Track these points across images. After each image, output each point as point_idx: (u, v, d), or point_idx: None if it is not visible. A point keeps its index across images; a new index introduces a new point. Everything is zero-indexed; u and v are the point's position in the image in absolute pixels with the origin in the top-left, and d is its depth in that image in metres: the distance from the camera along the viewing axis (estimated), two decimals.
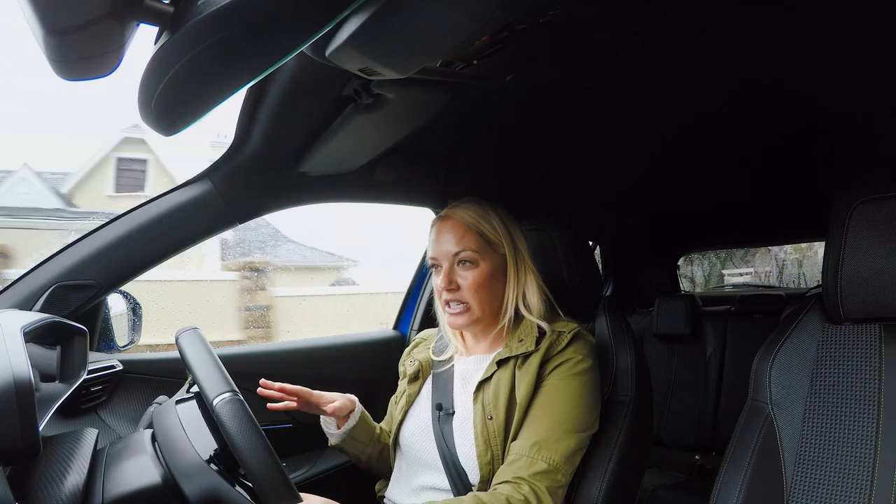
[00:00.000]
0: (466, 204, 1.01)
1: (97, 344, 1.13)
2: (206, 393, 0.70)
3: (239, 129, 1.01)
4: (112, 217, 1.05)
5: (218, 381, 0.71)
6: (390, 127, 1.03)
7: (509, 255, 0.99)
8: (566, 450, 0.86)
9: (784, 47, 0.92)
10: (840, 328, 0.80)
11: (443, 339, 1.10)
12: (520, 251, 1.01)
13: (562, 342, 0.94)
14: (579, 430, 0.89)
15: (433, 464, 0.95)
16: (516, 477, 0.84)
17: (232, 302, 4.90)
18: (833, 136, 1.36)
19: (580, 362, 0.92)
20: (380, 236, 10.03)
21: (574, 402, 0.90)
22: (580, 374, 0.92)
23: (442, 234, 0.99)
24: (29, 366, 0.56)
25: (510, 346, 0.96)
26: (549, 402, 0.90)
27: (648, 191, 1.94)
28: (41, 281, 0.98)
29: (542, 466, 0.84)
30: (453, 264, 0.98)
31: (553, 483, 0.84)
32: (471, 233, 0.98)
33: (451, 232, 0.98)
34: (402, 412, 1.04)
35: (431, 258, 1.01)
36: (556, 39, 0.81)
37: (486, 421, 0.91)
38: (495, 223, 0.99)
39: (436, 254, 1.00)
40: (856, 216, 0.77)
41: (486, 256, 0.98)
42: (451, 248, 0.97)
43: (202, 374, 0.73)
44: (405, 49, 0.68)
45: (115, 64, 0.47)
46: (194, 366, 0.74)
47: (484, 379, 0.95)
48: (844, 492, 0.72)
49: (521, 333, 0.97)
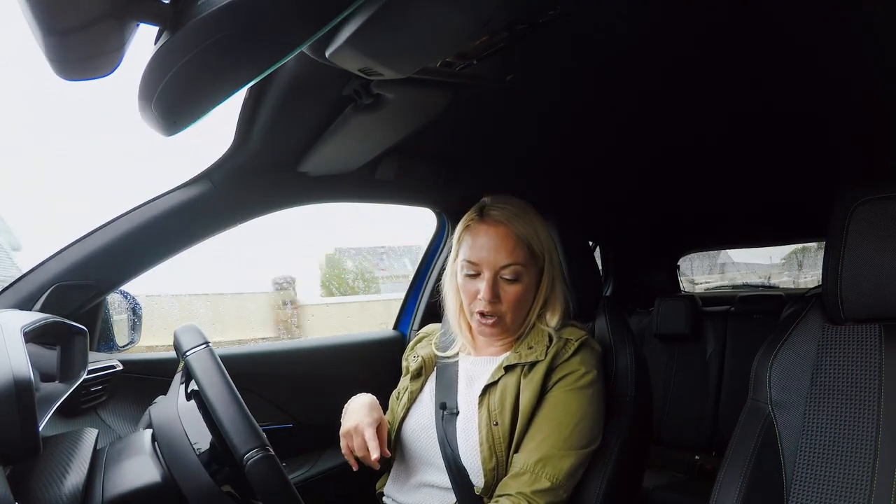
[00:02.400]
0: (513, 209, 0.94)
1: (97, 344, 1.13)
2: (181, 347, 0.75)
3: (239, 129, 1.01)
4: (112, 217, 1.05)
5: (193, 336, 0.76)
6: (390, 127, 1.03)
7: (547, 267, 0.97)
8: (570, 467, 0.87)
9: (784, 48, 0.92)
10: (840, 328, 0.80)
11: (447, 335, 1.08)
12: (554, 262, 0.98)
13: (568, 351, 0.93)
14: (583, 446, 0.89)
15: (434, 462, 0.95)
16: (518, 493, 0.84)
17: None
18: (834, 136, 1.36)
19: (585, 375, 0.92)
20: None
21: (579, 417, 0.89)
22: (585, 388, 0.91)
23: (491, 240, 0.92)
24: (29, 366, 0.56)
25: (519, 353, 0.95)
26: (554, 416, 0.89)
27: (649, 191, 1.94)
28: (41, 281, 0.98)
29: (545, 484, 0.84)
30: (497, 276, 0.92)
31: (554, 499, 0.85)
32: (521, 246, 0.92)
33: (502, 241, 0.92)
34: (405, 409, 1.03)
35: (471, 263, 0.94)
36: (556, 39, 0.81)
37: (492, 427, 0.90)
38: (541, 235, 0.95)
39: (478, 260, 0.93)
40: (856, 216, 0.77)
41: (529, 272, 0.94)
42: (499, 259, 0.91)
43: (183, 337, 0.77)
44: (405, 49, 0.68)
45: (115, 64, 0.47)
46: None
47: (490, 383, 0.94)
48: (844, 492, 0.72)
49: (531, 340, 0.96)
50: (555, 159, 1.51)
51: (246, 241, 3.11)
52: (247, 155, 1.07)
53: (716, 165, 1.63)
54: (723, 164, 1.61)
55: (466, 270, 0.95)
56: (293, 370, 1.40)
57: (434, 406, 0.99)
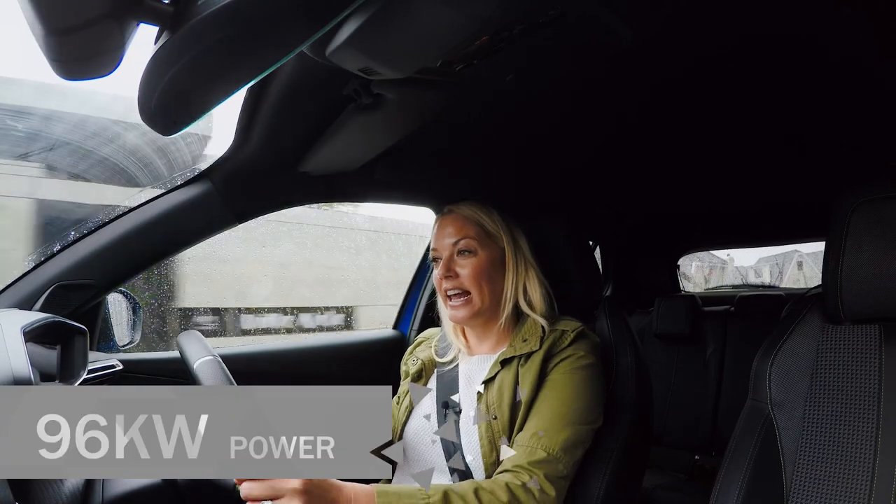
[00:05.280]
0: (466, 202, 1.05)
1: (97, 344, 1.13)
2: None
3: (239, 129, 1.01)
4: (112, 217, 1.05)
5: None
6: (390, 127, 1.03)
7: (508, 247, 1.02)
8: (565, 440, 0.86)
9: (784, 47, 0.91)
10: (840, 328, 0.80)
11: (444, 341, 1.09)
12: (520, 245, 1.03)
13: (565, 340, 0.95)
14: (580, 422, 0.89)
15: (436, 463, 0.95)
16: (516, 465, 0.84)
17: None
18: (834, 136, 1.36)
19: (582, 358, 0.93)
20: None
21: (575, 395, 0.90)
22: (582, 369, 0.92)
23: (443, 228, 1.03)
24: (29, 366, 0.56)
25: (514, 346, 0.96)
26: (553, 395, 0.90)
27: (648, 191, 1.93)
28: (41, 281, 0.98)
29: (541, 455, 0.84)
30: (452, 254, 1.00)
31: (553, 472, 0.84)
32: (470, 223, 1.01)
33: (451, 224, 1.02)
34: (407, 412, 1.03)
35: (433, 251, 1.04)
36: (556, 39, 0.81)
37: (491, 421, 0.91)
38: (495, 217, 1.03)
39: (436, 245, 1.03)
40: (856, 216, 0.77)
41: (485, 247, 1.00)
42: (450, 238, 1.00)
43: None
44: (405, 49, 0.68)
45: (115, 64, 0.47)
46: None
47: (488, 378, 0.95)
48: (844, 492, 0.72)
49: (524, 333, 0.97)
50: (555, 159, 1.51)
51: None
52: (247, 155, 1.07)
53: (716, 165, 1.63)
54: (723, 163, 1.61)
55: (433, 262, 1.04)
56: (293, 370, 1.40)
57: (436, 407, 0.99)
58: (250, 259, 3.63)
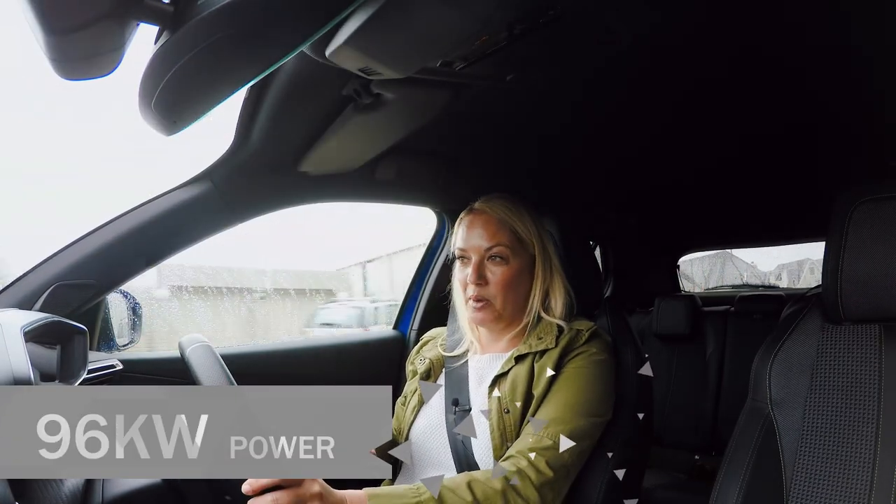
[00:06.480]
0: (500, 200, 1.00)
1: (97, 344, 1.13)
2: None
3: (239, 129, 1.01)
4: (112, 217, 1.05)
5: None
6: (390, 127, 1.03)
7: (538, 255, 0.99)
8: (573, 430, 0.86)
9: (784, 48, 0.91)
10: (840, 328, 0.80)
11: (454, 334, 1.08)
12: (548, 252, 1.01)
13: (581, 339, 0.95)
14: (590, 414, 0.89)
15: (444, 462, 0.94)
16: (518, 451, 0.84)
17: None
18: (834, 135, 1.36)
19: (596, 354, 0.94)
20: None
21: (587, 388, 0.90)
22: (595, 364, 0.93)
23: (474, 228, 0.98)
24: (29, 365, 0.56)
25: (529, 343, 0.96)
26: (563, 386, 0.91)
27: (648, 191, 1.94)
28: (41, 280, 0.98)
29: (546, 443, 0.85)
30: (483, 259, 0.97)
31: (556, 459, 0.84)
32: (504, 229, 0.97)
33: (484, 227, 0.97)
34: (415, 411, 1.02)
35: (460, 250, 1.00)
36: (556, 39, 0.81)
37: (504, 414, 0.91)
38: (526, 220, 0.99)
39: (466, 246, 0.98)
40: (856, 216, 0.77)
41: (517, 255, 0.97)
42: (483, 242, 0.96)
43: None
44: (405, 49, 0.68)
45: (115, 64, 0.47)
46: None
47: (500, 374, 0.95)
48: (844, 492, 0.72)
49: (540, 332, 0.98)
50: (554, 159, 1.51)
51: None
52: (247, 155, 1.07)
53: (716, 165, 1.63)
54: (723, 163, 1.61)
55: (459, 259, 1.01)
56: (293, 370, 1.40)
57: (445, 405, 0.99)
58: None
